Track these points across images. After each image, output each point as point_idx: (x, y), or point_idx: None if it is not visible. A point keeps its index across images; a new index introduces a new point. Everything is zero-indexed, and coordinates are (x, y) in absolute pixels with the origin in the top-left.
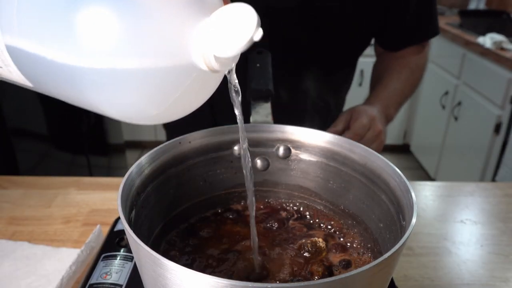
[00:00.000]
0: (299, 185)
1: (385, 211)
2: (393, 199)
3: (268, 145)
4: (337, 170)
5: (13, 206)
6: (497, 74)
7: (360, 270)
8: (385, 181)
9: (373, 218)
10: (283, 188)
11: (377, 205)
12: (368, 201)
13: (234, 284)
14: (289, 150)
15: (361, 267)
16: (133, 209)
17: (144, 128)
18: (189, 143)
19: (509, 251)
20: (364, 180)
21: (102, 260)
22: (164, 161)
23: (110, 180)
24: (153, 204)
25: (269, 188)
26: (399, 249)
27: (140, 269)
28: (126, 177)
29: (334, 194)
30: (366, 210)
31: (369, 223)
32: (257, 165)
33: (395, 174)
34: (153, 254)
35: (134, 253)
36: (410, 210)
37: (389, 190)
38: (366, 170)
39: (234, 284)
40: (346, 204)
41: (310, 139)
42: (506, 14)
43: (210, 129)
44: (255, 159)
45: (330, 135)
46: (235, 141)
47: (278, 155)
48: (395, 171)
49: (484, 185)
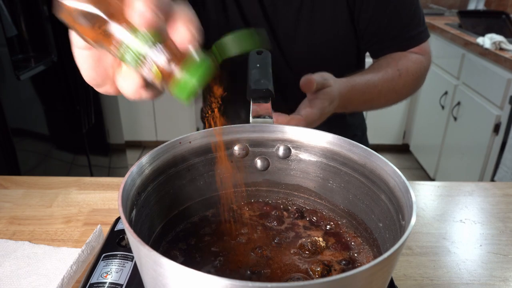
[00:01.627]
0: (299, 185)
1: (385, 210)
2: (393, 199)
3: (268, 145)
4: (336, 170)
5: (14, 206)
6: (496, 74)
7: (359, 270)
8: (384, 180)
9: (373, 217)
10: (283, 188)
11: (377, 204)
12: (368, 201)
13: (234, 284)
14: (289, 150)
15: (360, 267)
16: (133, 208)
17: (144, 128)
18: (189, 143)
19: (508, 251)
20: (363, 180)
21: (102, 260)
22: (164, 161)
23: (111, 180)
24: (154, 204)
25: (269, 188)
26: (398, 249)
27: (140, 269)
28: (127, 177)
29: (334, 194)
30: (366, 210)
31: (369, 223)
32: (257, 165)
33: (394, 174)
34: (153, 254)
35: (135, 252)
36: (409, 210)
37: (389, 189)
38: (365, 170)
39: (234, 283)
40: (345, 204)
41: (310, 139)
42: (505, 15)
43: (210, 129)
44: (255, 159)
45: (330, 136)
46: (235, 141)
47: (278, 155)
48: (394, 170)
49: (483, 185)
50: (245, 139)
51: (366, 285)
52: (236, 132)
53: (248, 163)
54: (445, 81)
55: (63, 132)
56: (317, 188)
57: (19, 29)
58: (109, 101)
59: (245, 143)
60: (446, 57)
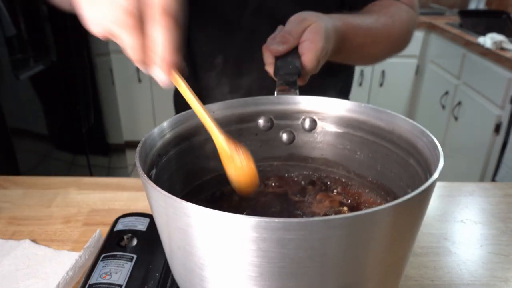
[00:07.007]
0: (326, 158)
1: (413, 174)
2: (421, 161)
3: (293, 117)
4: (364, 140)
5: (13, 206)
6: (497, 74)
7: (382, 207)
8: (413, 144)
9: (402, 185)
10: (310, 162)
11: (405, 170)
12: (396, 169)
13: (265, 221)
14: (315, 122)
15: (381, 205)
16: (153, 168)
17: (144, 128)
18: (213, 113)
19: (509, 251)
20: (391, 147)
21: (101, 260)
22: (186, 129)
23: (110, 180)
24: (175, 169)
25: (295, 162)
26: (424, 192)
27: (162, 225)
28: (147, 135)
29: (362, 166)
30: (394, 178)
31: (398, 192)
32: (282, 138)
33: (423, 134)
34: (179, 201)
35: (156, 207)
36: (436, 163)
37: (417, 152)
38: (393, 136)
39: (265, 220)
40: (374, 175)
41: (335, 110)
42: (506, 14)
43: (233, 100)
44: (280, 132)
45: (356, 104)
46: (260, 113)
47: (304, 127)
48: (422, 131)
49: (484, 185)
50: (269, 111)
51: (388, 226)
52: (260, 104)
53: (273, 136)
54: (446, 81)
55: (62, 132)
56: (344, 161)
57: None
58: (109, 101)
59: (270, 115)
60: (446, 57)
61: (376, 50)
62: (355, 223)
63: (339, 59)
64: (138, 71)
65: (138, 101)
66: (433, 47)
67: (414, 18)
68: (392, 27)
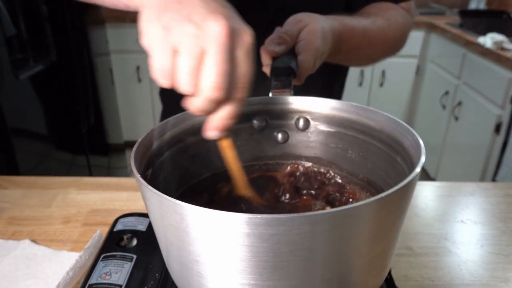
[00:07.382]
0: (319, 156)
1: (400, 172)
2: (407, 158)
3: (287, 117)
4: (355, 138)
5: (13, 206)
6: (498, 74)
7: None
8: (400, 142)
9: (390, 182)
10: (303, 161)
11: (392, 168)
12: (385, 166)
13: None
14: (308, 122)
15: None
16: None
17: (144, 128)
18: None
19: (509, 251)
20: (381, 145)
21: (101, 260)
22: (182, 130)
23: (110, 180)
24: (170, 170)
25: (289, 161)
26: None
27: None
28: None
29: (353, 164)
30: (383, 176)
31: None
32: (277, 138)
33: (408, 133)
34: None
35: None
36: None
37: (403, 150)
38: (383, 135)
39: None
40: (364, 173)
41: (327, 109)
42: (506, 14)
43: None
44: (274, 132)
45: (348, 104)
46: (255, 113)
47: (298, 127)
48: (408, 130)
49: (484, 185)
50: (264, 111)
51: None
52: (255, 104)
53: (268, 135)
54: (446, 80)
55: (62, 132)
56: (337, 159)
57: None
58: (109, 101)
59: (264, 115)
60: (447, 57)
61: (371, 52)
62: (335, 219)
63: (336, 60)
64: (138, 71)
65: (138, 101)
66: (433, 47)
67: (410, 23)
68: (388, 30)
